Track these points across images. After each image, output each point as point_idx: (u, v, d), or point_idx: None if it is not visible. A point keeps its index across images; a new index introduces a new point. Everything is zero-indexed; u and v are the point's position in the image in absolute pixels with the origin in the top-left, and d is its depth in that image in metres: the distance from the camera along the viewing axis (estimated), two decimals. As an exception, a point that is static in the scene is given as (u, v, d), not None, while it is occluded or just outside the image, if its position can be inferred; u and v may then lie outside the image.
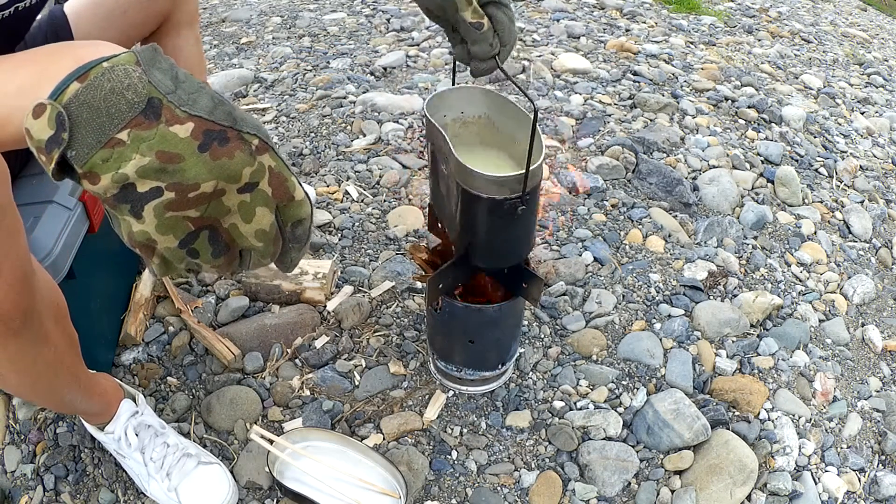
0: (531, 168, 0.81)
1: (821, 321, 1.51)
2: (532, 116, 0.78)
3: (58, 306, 0.78)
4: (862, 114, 2.52)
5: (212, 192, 0.44)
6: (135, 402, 1.06)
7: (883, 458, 1.28)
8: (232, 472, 1.10)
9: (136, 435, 1.03)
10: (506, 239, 0.93)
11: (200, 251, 0.47)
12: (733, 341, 1.38)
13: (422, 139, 1.25)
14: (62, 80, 0.41)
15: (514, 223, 0.88)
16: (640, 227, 1.65)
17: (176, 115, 0.42)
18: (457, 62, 0.94)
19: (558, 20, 2.82)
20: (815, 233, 1.77)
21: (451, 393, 1.23)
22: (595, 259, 1.53)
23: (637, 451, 1.16)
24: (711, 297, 1.48)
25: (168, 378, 1.25)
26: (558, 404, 1.22)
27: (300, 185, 0.50)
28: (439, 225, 1.10)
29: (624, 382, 1.27)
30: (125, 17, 1.09)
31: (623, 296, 1.45)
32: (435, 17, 0.88)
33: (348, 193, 1.72)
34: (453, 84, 1.00)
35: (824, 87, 2.66)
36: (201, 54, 1.30)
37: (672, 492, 1.12)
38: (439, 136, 0.88)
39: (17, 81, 0.45)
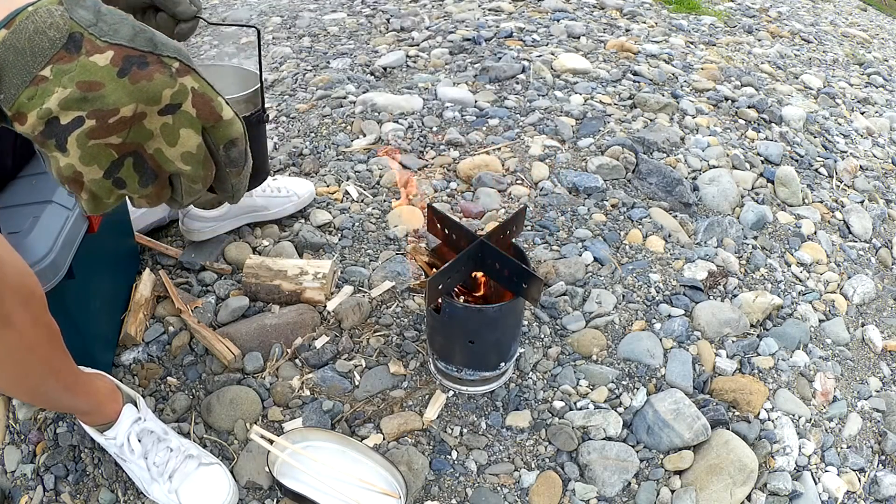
0: (251, 91, 0.96)
1: (821, 321, 1.51)
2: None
3: (29, 292, 0.75)
4: (862, 114, 2.52)
5: (132, 116, 0.45)
6: (136, 406, 1.05)
7: (883, 458, 1.28)
8: (232, 473, 1.10)
9: (139, 441, 1.03)
10: (261, 144, 1.07)
11: (127, 180, 0.47)
12: (733, 341, 1.38)
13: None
14: None
15: (258, 138, 1.02)
16: (640, 227, 1.65)
17: (97, 45, 0.43)
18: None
19: (558, 20, 2.82)
20: (815, 233, 1.77)
21: (451, 393, 1.23)
22: (595, 259, 1.53)
23: (637, 451, 1.16)
24: (711, 297, 1.48)
25: (168, 378, 1.25)
26: (558, 404, 1.22)
27: (228, 105, 0.49)
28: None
29: (624, 382, 1.27)
30: None
31: (623, 296, 1.45)
32: (128, 6, 0.90)
33: (348, 193, 1.72)
34: None
35: (824, 87, 2.66)
36: None
37: (672, 492, 1.12)
38: None
39: None
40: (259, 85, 0.98)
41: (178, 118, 0.47)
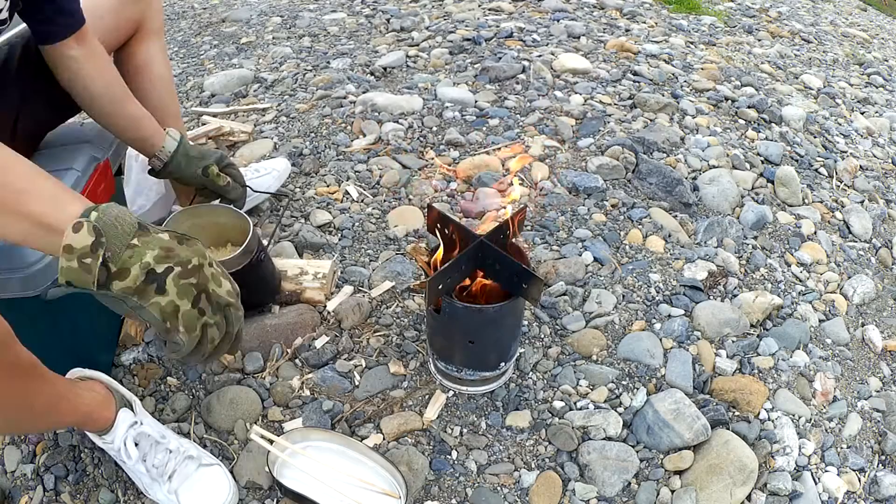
0: (244, 246, 1.17)
1: (821, 321, 1.51)
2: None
3: None
4: (862, 114, 2.52)
5: (198, 265, 0.67)
6: (132, 409, 1.04)
7: (883, 458, 1.28)
8: (232, 473, 1.10)
9: (136, 445, 1.02)
10: (263, 279, 1.31)
11: (205, 310, 0.67)
12: (733, 341, 1.38)
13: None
14: (84, 211, 0.61)
15: (263, 268, 1.28)
16: (640, 227, 1.65)
17: (155, 230, 0.67)
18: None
19: (558, 20, 2.82)
20: (815, 233, 1.77)
21: (451, 393, 1.23)
22: (595, 259, 1.53)
23: (637, 451, 1.16)
24: (711, 297, 1.47)
25: (168, 378, 1.25)
26: (558, 404, 1.22)
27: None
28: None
29: (624, 382, 1.27)
30: (102, 22, 1.18)
31: (623, 296, 1.45)
32: (197, 188, 1.30)
33: (348, 193, 1.72)
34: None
35: (824, 87, 2.66)
36: (168, 61, 1.41)
37: (672, 492, 1.12)
38: None
39: (37, 211, 0.61)
40: (249, 236, 1.19)
41: (217, 270, 0.69)
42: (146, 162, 1.26)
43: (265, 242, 1.30)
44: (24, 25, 1.08)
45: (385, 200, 1.70)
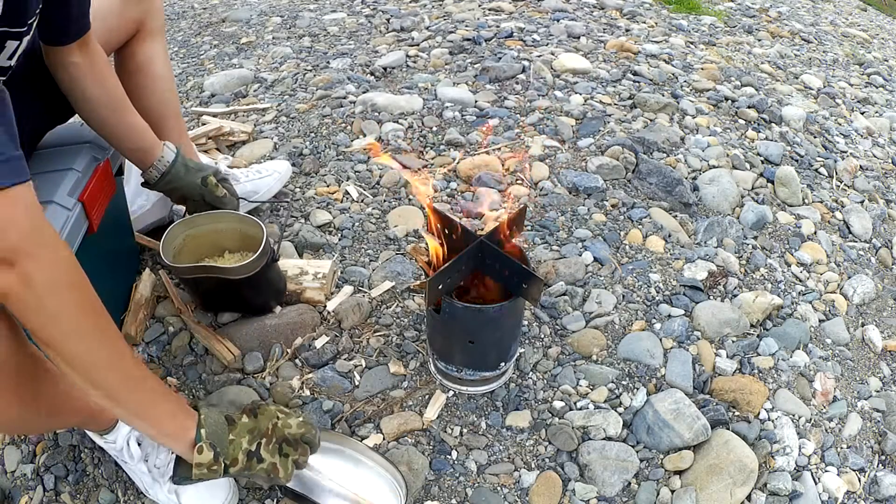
0: (262, 248, 1.19)
1: (821, 321, 1.51)
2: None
3: None
4: (862, 114, 2.52)
5: (272, 426, 0.91)
6: None
7: (883, 458, 1.28)
8: (232, 472, 1.10)
9: (139, 445, 1.03)
10: (271, 281, 1.33)
11: (289, 452, 0.90)
12: (733, 341, 1.38)
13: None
14: (197, 431, 0.85)
15: (272, 270, 1.29)
16: (640, 227, 1.65)
17: (236, 415, 0.91)
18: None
19: (558, 20, 2.82)
20: (815, 233, 1.77)
21: (451, 393, 1.23)
22: (595, 259, 1.53)
23: (637, 451, 1.16)
24: (711, 297, 1.48)
25: (168, 378, 1.25)
26: (558, 404, 1.22)
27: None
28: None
29: (624, 382, 1.27)
30: (104, 23, 1.19)
31: (623, 296, 1.45)
32: (189, 201, 1.30)
33: (348, 193, 1.72)
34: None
35: (824, 87, 2.66)
36: (168, 61, 1.41)
37: (672, 492, 1.12)
38: (199, 269, 1.22)
39: (166, 430, 0.85)
40: (265, 239, 1.21)
41: (283, 416, 0.92)
42: None
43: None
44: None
45: (385, 200, 1.70)
